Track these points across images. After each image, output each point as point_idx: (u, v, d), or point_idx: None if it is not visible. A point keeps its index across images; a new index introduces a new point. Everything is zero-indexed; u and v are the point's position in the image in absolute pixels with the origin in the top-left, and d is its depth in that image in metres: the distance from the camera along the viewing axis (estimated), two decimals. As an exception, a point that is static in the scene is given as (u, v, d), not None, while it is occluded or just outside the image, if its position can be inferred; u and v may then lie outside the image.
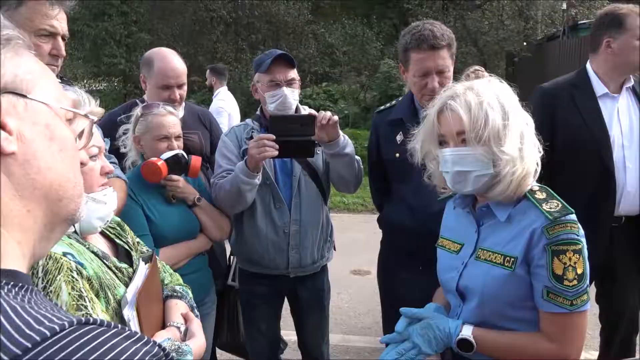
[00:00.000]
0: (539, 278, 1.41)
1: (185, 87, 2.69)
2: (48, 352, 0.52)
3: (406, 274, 2.34)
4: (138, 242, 1.37)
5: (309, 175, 2.42)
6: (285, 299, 2.63)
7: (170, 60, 2.62)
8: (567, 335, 1.41)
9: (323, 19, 16.54)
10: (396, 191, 2.46)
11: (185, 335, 1.35)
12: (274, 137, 2.14)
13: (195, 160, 2.19)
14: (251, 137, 2.33)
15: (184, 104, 2.86)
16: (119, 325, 0.60)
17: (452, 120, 1.45)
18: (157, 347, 0.60)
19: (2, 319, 0.54)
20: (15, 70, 0.66)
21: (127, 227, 1.40)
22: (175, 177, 2.18)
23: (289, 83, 2.36)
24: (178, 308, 1.38)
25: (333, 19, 16.16)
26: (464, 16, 15.35)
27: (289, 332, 2.90)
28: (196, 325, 1.36)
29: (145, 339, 0.60)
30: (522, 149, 1.43)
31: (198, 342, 1.32)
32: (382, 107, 2.66)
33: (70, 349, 0.53)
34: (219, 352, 2.83)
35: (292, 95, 2.35)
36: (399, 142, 2.39)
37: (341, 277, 5.00)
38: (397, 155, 2.38)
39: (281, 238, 2.39)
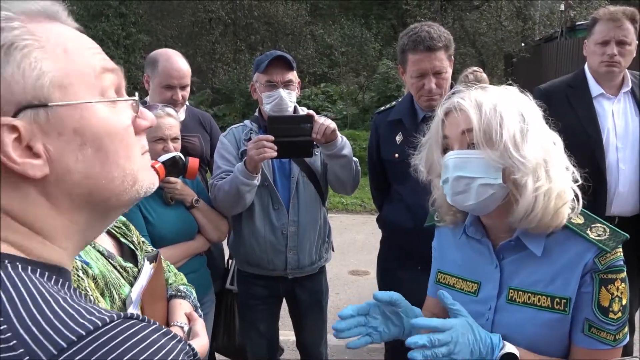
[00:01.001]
0: (580, 310, 1.22)
1: (188, 89, 2.71)
2: (100, 341, 0.54)
3: (405, 273, 2.34)
4: (143, 242, 1.37)
5: (307, 176, 2.43)
6: (284, 300, 2.64)
7: (175, 61, 2.65)
8: None
9: (321, 20, 16.55)
10: (395, 191, 2.47)
11: (189, 335, 1.35)
12: (272, 138, 2.15)
13: (193, 162, 2.20)
14: (249, 139, 2.34)
15: (185, 106, 2.86)
16: (155, 322, 0.62)
17: (459, 119, 1.24)
18: (188, 346, 0.62)
19: (56, 307, 0.56)
20: (28, 82, 0.60)
21: (132, 227, 1.40)
22: (173, 179, 2.19)
23: (286, 84, 2.36)
24: (182, 308, 1.39)
25: (331, 20, 16.17)
26: (462, 17, 15.39)
27: (287, 333, 2.91)
28: (200, 325, 1.37)
29: (178, 336, 0.61)
30: (547, 161, 1.21)
31: (201, 341, 1.32)
32: (382, 108, 2.68)
33: (119, 339, 0.55)
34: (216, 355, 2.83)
35: (288, 97, 2.35)
36: (398, 143, 2.40)
37: (340, 278, 5.01)
38: (396, 155, 2.39)
39: (279, 239, 2.39)
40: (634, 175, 2.56)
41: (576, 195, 1.27)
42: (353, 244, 6.13)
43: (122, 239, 1.29)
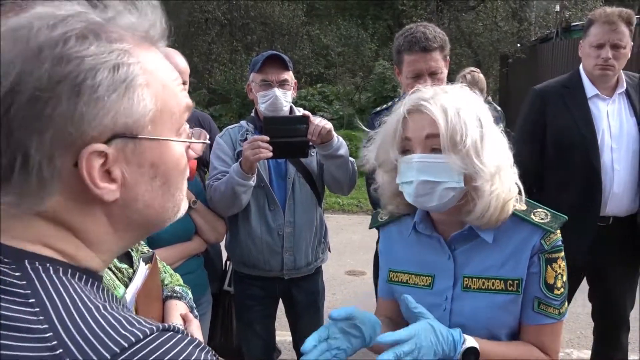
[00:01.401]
0: (529, 289, 1.31)
1: (187, 87, 2.71)
2: (140, 355, 0.56)
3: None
4: (139, 243, 1.38)
5: (303, 177, 2.43)
6: (280, 301, 2.64)
7: (172, 57, 2.65)
8: (556, 344, 1.35)
9: (318, 21, 16.57)
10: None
11: None
12: (268, 138, 2.15)
13: (191, 164, 2.20)
14: (245, 139, 2.34)
15: None
16: (189, 334, 0.64)
17: (423, 122, 1.25)
18: (215, 357, 0.64)
19: (98, 316, 0.58)
20: (129, 115, 0.63)
21: None
22: None
23: (282, 84, 2.36)
24: (177, 309, 1.39)
25: (328, 21, 16.19)
26: (458, 17, 15.41)
27: (284, 333, 2.91)
28: (195, 326, 1.37)
29: (207, 348, 0.64)
30: (501, 165, 1.27)
31: None
32: (378, 108, 2.69)
33: (158, 353, 0.57)
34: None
35: (283, 97, 2.35)
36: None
37: (336, 278, 5.01)
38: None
39: (275, 240, 2.40)
40: (628, 175, 2.57)
41: (519, 188, 1.35)
42: (350, 244, 6.13)
43: None
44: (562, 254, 1.33)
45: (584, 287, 2.83)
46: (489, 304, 1.32)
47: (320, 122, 2.23)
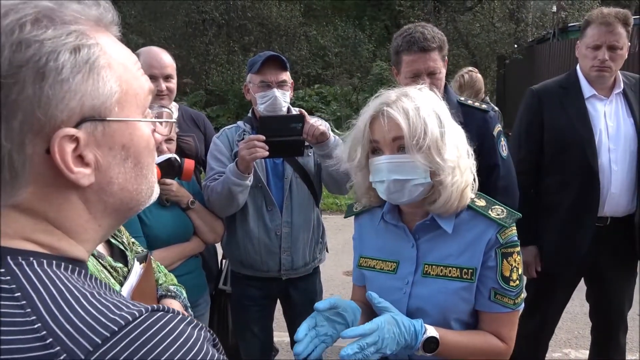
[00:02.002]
0: (487, 280, 1.42)
1: (174, 82, 2.70)
2: (132, 336, 0.57)
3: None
4: (133, 242, 1.37)
5: (300, 177, 2.43)
6: (278, 301, 2.64)
7: (156, 53, 2.69)
8: (512, 333, 1.45)
9: (315, 21, 16.57)
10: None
11: None
12: (263, 137, 2.15)
13: (188, 164, 2.20)
14: (243, 139, 2.34)
15: (177, 105, 2.86)
16: (180, 312, 0.64)
17: (387, 126, 1.36)
18: (209, 333, 0.65)
19: (85, 303, 0.59)
20: (95, 96, 0.64)
21: (122, 227, 1.40)
22: (168, 180, 2.18)
23: (280, 85, 2.36)
24: (172, 307, 1.38)
25: (325, 21, 16.19)
26: (456, 18, 15.44)
27: (282, 334, 2.91)
28: None
29: (200, 324, 0.64)
30: (459, 158, 1.40)
31: None
32: None
33: (150, 332, 0.58)
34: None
35: (282, 97, 2.35)
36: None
37: (334, 279, 5.01)
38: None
39: (273, 240, 2.39)
40: (626, 176, 2.57)
41: (474, 176, 1.46)
42: (347, 245, 6.11)
43: (112, 240, 1.29)
44: (518, 248, 1.44)
45: (581, 286, 2.83)
46: (444, 289, 1.43)
47: (315, 122, 2.23)
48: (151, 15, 15.02)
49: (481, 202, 1.46)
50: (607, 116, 2.60)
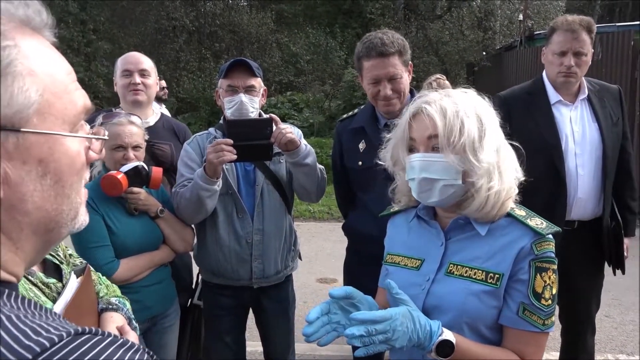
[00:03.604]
0: (516, 294, 1.33)
1: (151, 79, 2.72)
2: None
3: (371, 281, 2.34)
4: (70, 255, 1.32)
5: (272, 184, 2.40)
6: (251, 310, 2.60)
7: (134, 54, 2.76)
8: (537, 355, 1.36)
9: (287, 29, 16.59)
10: (360, 199, 2.47)
11: None
12: (231, 141, 2.12)
13: (157, 172, 2.16)
14: None
15: (160, 113, 2.82)
16: (112, 334, 0.59)
17: (425, 124, 1.36)
18: (146, 355, 0.59)
19: (1, 330, 0.53)
20: (8, 105, 0.58)
21: None
22: (136, 189, 2.14)
23: (248, 90, 2.34)
24: (113, 321, 1.33)
25: (296, 29, 16.23)
26: (426, 26, 15.66)
27: (255, 344, 2.87)
28: (132, 338, 1.31)
29: (136, 346, 0.59)
30: (499, 164, 1.36)
31: None
32: (344, 116, 2.68)
33: (72, 358, 0.52)
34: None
35: (250, 102, 2.33)
36: (361, 151, 2.41)
37: (307, 286, 4.98)
38: (360, 163, 2.39)
39: (244, 248, 2.36)
40: (592, 180, 2.63)
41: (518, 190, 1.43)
42: (321, 252, 6.12)
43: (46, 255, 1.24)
44: (554, 266, 1.35)
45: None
46: (463, 289, 1.35)
47: (285, 129, 2.20)
48: (120, 21, 14.84)
49: (521, 212, 1.41)
50: (572, 121, 2.65)
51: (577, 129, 2.64)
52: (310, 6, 17.41)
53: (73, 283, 1.19)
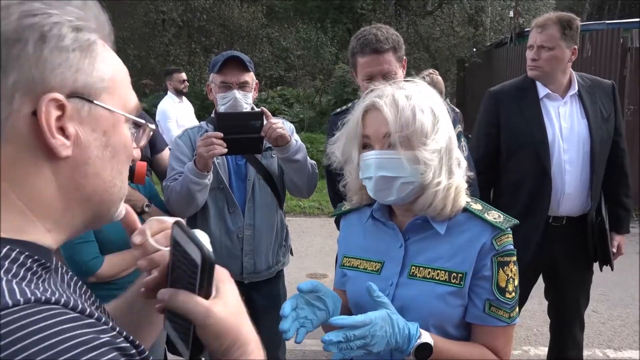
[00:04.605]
0: (481, 291, 1.33)
1: None
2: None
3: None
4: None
5: (263, 179, 2.39)
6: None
7: None
8: (508, 348, 1.37)
9: (277, 23, 16.52)
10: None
11: None
12: (221, 134, 2.10)
13: (140, 166, 2.13)
14: None
15: None
16: (89, 311, 0.59)
17: (378, 120, 1.31)
18: (126, 343, 0.59)
19: None
20: (88, 75, 0.67)
21: None
22: None
23: (241, 86, 2.32)
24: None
25: (287, 24, 16.16)
26: (417, 22, 15.67)
27: (245, 339, 2.85)
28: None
29: (113, 333, 0.59)
30: (450, 159, 1.33)
31: None
32: (338, 110, 2.67)
33: (14, 326, 0.53)
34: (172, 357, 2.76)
35: (243, 99, 2.31)
36: (353, 145, 2.40)
37: (298, 281, 4.97)
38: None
39: (235, 243, 2.35)
40: (580, 176, 2.64)
41: (468, 184, 1.41)
42: (311, 248, 6.11)
43: None
44: (514, 258, 1.36)
45: (540, 284, 2.89)
46: (428, 292, 1.34)
47: (276, 123, 2.19)
48: (109, 14, 14.69)
49: (477, 206, 1.39)
50: (561, 117, 2.66)
51: (566, 124, 2.65)
52: (301, 1, 17.34)
53: None
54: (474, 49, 14.71)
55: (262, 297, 2.49)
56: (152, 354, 2.05)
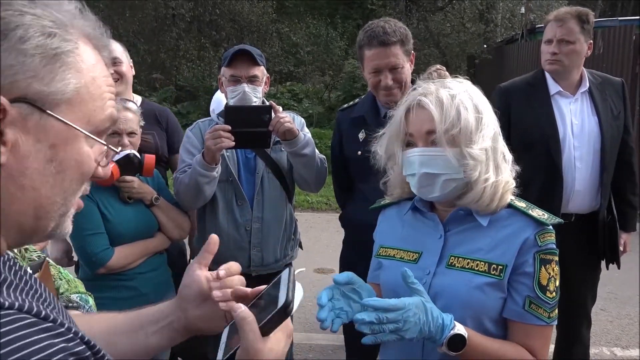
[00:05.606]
0: (522, 287, 1.31)
1: (124, 67, 2.65)
2: None
3: (367, 269, 2.35)
4: (26, 249, 1.26)
5: (272, 172, 2.40)
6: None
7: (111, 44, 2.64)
8: (545, 348, 1.34)
9: (287, 18, 16.49)
10: (358, 189, 2.46)
11: None
12: (229, 127, 2.11)
13: (149, 159, 2.15)
14: None
15: (140, 100, 2.79)
16: (44, 313, 0.57)
17: (422, 118, 1.33)
18: (82, 346, 0.58)
19: None
20: (46, 84, 0.63)
21: None
22: (129, 177, 2.13)
23: (251, 80, 2.33)
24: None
25: (297, 19, 16.13)
26: (427, 18, 15.59)
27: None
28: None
29: (69, 335, 0.57)
30: (496, 155, 1.34)
31: None
32: (345, 105, 2.67)
33: None
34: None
35: (252, 93, 2.32)
36: (361, 140, 2.40)
37: (305, 276, 4.99)
38: (359, 153, 2.38)
39: (242, 236, 2.36)
40: (590, 174, 2.63)
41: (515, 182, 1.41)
42: (318, 242, 6.12)
43: None
44: (557, 258, 1.34)
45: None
46: (466, 282, 1.32)
47: (283, 117, 2.19)
48: (119, 9, 14.72)
49: (521, 203, 1.38)
50: (572, 114, 2.65)
51: (577, 121, 2.64)
52: (312, -4, 17.31)
53: None
54: (485, 46, 14.62)
55: (270, 290, 2.50)
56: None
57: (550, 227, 1.34)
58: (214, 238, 0.96)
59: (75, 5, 0.69)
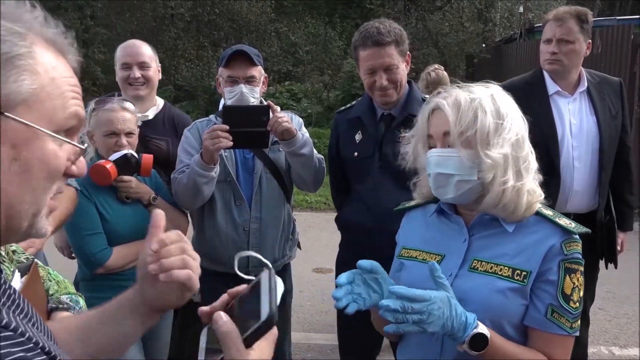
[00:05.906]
0: (545, 295, 1.29)
1: (151, 71, 2.66)
2: None
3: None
4: (14, 251, 1.24)
5: (270, 172, 2.40)
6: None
7: (133, 43, 2.70)
8: (566, 358, 1.32)
9: (286, 18, 16.49)
10: (355, 191, 2.45)
11: None
12: (227, 127, 2.11)
13: (147, 159, 2.15)
14: None
15: (162, 104, 2.78)
16: (5, 321, 0.58)
17: (440, 120, 1.36)
18: (42, 356, 0.58)
19: None
20: (5, 88, 0.64)
21: None
22: (127, 177, 2.13)
23: (249, 80, 2.32)
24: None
25: (296, 18, 16.13)
26: (425, 17, 15.60)
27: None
28: None
29: (29, 345, 0.57)
30: (517, 161, 1.32)
31: None
32: (342, 108, 2.67)
33: None
34: None
35: (250, 93, 2.32)
36: (357, 141, 2.40)
37: (303, 276, 4.99)
38: (356, 154, 2.38)
39: (241, 236, 2.36)
40: (588, 173, 2.63)
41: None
42: (317, 242, 6.12)
43: None
44: (582, 268, 1.33)
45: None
46: (488, 285, 1.32)
47: (282, 117, 2.18)
48: (117, 8, 14.71)
49: (548, 212, 1.37)
50: (570, 114, 2.65)
51: (575, 121, 2.64)
52: (310, -4, 17.31)
53: (16, 282, 1.13)
54: (483, 45, 14.64)
55: (268, 290, 2.50)
56: (156, 354, 2.07)
57: (577, 236, 1.33)
58: (160, 214, 0.93)
59: (37, 15, 0.70)
